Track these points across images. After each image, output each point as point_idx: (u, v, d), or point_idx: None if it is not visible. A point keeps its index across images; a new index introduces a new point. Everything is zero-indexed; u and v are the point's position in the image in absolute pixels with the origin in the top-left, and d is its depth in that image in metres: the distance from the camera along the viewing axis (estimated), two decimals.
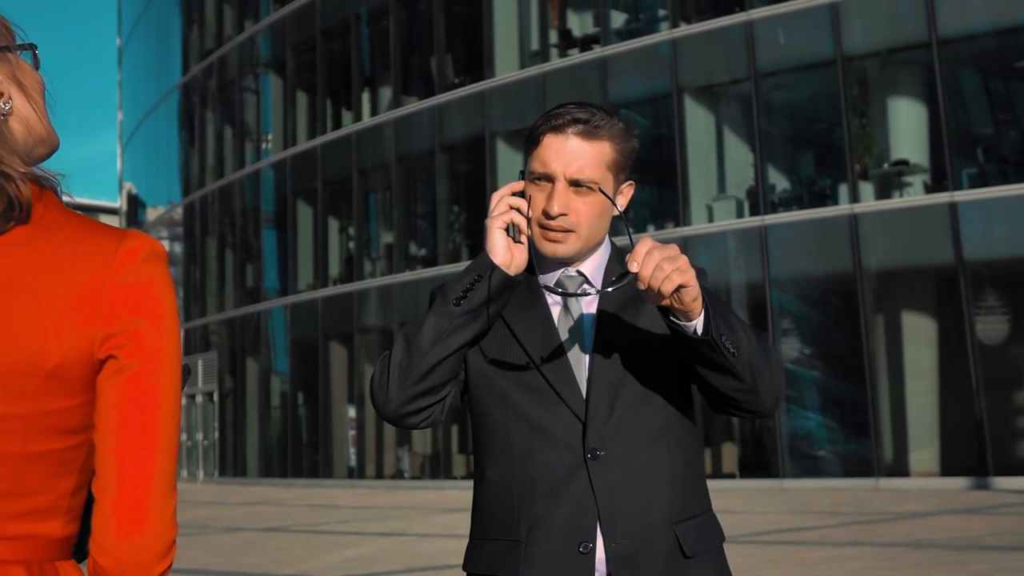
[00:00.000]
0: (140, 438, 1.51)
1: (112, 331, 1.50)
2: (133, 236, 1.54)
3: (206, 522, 19.56)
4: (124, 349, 1.51)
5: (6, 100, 1.61)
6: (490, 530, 2.44)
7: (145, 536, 1.51)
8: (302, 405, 34.14)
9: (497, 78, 28.30)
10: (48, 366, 1.48)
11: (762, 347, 2.40)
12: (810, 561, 11.07)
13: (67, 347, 1.49)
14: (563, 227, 2.43)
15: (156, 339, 1.53)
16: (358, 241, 32.69)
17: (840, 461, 22.36)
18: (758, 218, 23.53)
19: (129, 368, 1.51)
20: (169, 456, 1.53)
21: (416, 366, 2.34)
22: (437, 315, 2.35)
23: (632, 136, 2.51)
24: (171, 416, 1.54)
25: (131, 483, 1.51)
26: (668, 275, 2.16)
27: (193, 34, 42.22)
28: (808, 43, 23.38)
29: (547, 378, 2.41)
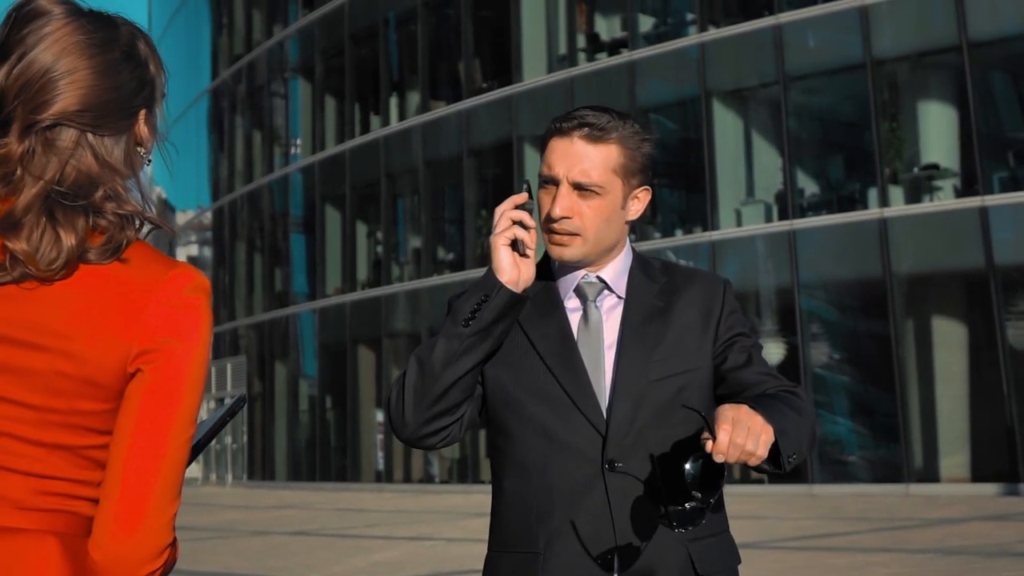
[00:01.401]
0: (149, 446, 1.64)
1: (146, 348, 1.65)
2: (182, 267, 1.70)
3: (234, 525, 19.62)
4: (153, 365, 1.65)
5: (148, 151, 1.80)
6: (508, 542, 2.42)
7: (138, 537, 1.62)
8: (330, 409, 34.21)
9: (525, 82, 28.30)
10: (85, 372, 1.63)
11: (807, 425, 2.34)
12: (838, 567, 11.01)
13: (104, 358, 1.64)
14: (567, 230, 2.41)
15: (185, 360, 1.66)
16: (386, 245, 32.74)
17: (869, 467, 22.24)
18: (787, 222, 23.44)
19: (153, 381, 1.65)
20: (175, 467, 1.66)
21: (430, 389, 2.34)
22: (447, 337, 2.33)
23: (645, 141, 2.46)
24: (183, 431, 1.66)
25: (132, 487, 1.63)
26: (749, 456, 2.11)
27: (222, 39, 42.41)
28: (837, 46, 23.28)
29: (564, 388, 2.38)
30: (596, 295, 2.46)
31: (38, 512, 1.63)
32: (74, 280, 1.65)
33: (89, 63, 1.71)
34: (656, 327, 2.43)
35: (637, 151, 2.44)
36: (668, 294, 2.47)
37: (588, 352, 2.41)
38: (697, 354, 2.43)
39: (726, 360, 2.45)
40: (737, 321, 2.50)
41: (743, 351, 2.46)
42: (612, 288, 2.47)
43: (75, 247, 1.65)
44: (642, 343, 2.41)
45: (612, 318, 2.45)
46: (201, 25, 43.94)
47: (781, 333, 23.49)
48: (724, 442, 2.05)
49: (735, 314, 2.50)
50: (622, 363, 2.39)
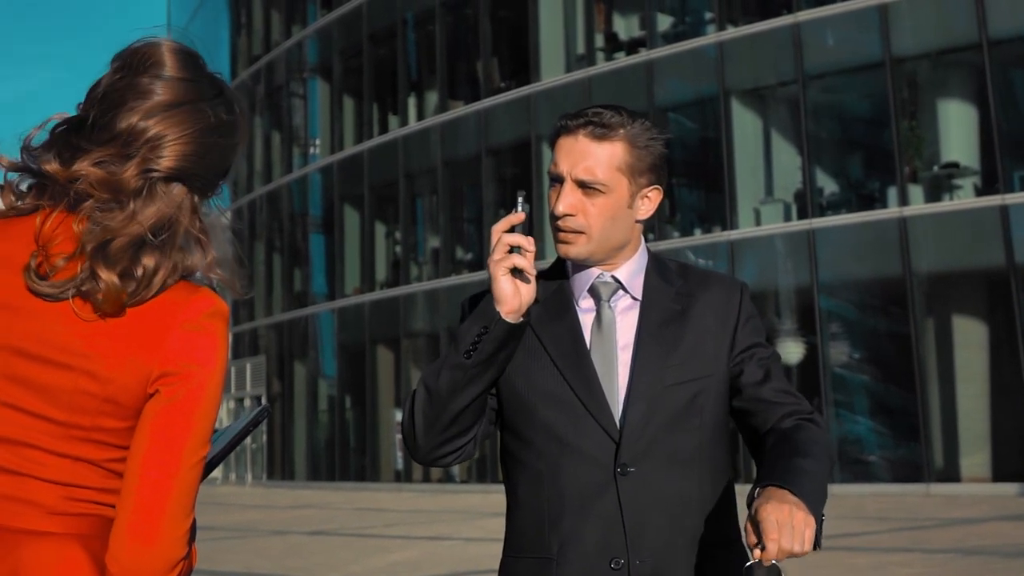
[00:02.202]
0: (163, 465, 1.72)
1: (166, 371, 1.74)
2: (203, 292, 1.79)
3: (254, 525, 19.67)
4: (171, 387, 1.73)
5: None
6: (521, 547, 2.41)
7: (152, 551, 1.70)
8: (349, 409, 34.27)
9: (543, 82, 28.29)
10: (108, 391, 1.72)
11: (827, 468, 2.32)
12: (858, 567, 10.98)
13: (126, 379, 1.73)
14: (572, 228, 2.38)
15: (201, 383, 1.75)
16: (405, 245, 32.78)
17: (890, 466, 22.17)
18: (806, 221, 23.38)
19: (169, 402, 1.73)
20: (188, 484, 1.73)
21: (439, 416, 2.34)
22: (451, 368, 2.32)
23: (654, 140, 2.42)
24: (196, 451, 1.74)
25: (147, 503, 1.71)
26: (797, 555, 2.13)
27: (241, 40, 42.52)
28: (856, 45, 23.21)
29: (575, 392, 2.36)
30: (610, 295, 2.43)
31: (67, 516, 1.73)
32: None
33: (218, 137, 1.85)
34: (673, 331, 2.40)
35: (645, 150, 2.40)
36: (685, 297, 2.45)
37: (601, 353, 2.39)
38: (713, 361, 2.41)
39: (743, 372, 2.42)
40: (754, 329, 2.47)
41: (761, 365, 2.43)
42: (627, 288, 2.44)
43: (139, 289, 1.74)
44: (658, 347, 2.39)
45: (626, 319, 2.43)
46: (220, 26, 44.05)
47: (800, 332, 23.43)
48: (773, 551, 2.08)
49: (752, 320, 2.47)
50: (637, 367, 2.37)
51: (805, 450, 2.26)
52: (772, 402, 2.40)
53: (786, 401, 2.41)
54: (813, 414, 2.41)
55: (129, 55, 1.85)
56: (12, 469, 1.73)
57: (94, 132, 1.79)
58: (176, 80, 1.83)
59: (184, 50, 1.90)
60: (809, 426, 2.36)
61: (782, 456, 2.25)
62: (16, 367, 1.73)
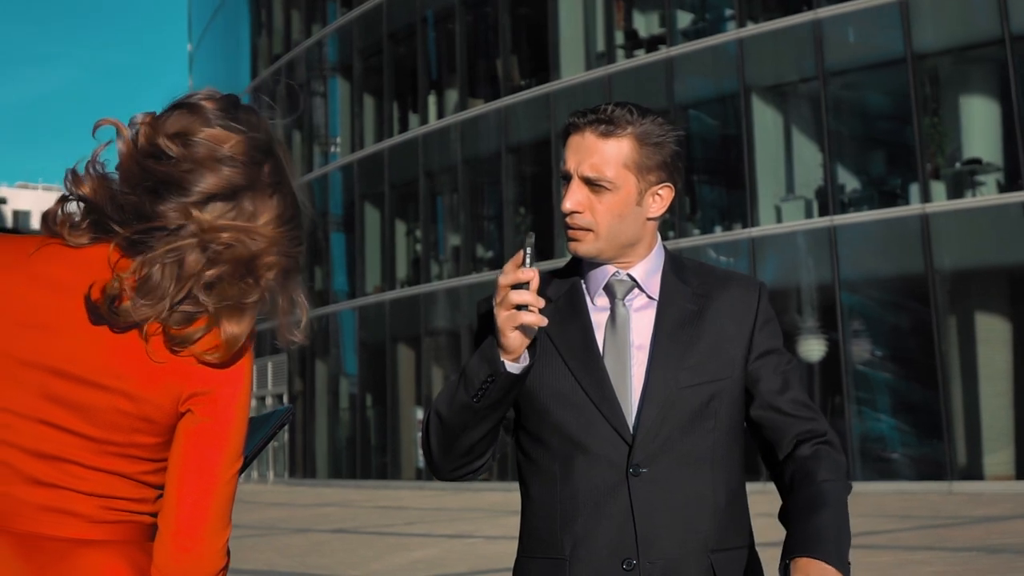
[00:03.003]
0: (201, 482, 1.84)
1: (196, 391, 1.85)
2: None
3: (276, 523, 19.72)
4: (201, 406, 1.85)
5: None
6: (535, 548, 2.40)
7: (195, 562, 1.83)
8: (370, 407, 34.31)
9: (563, 80, 28.27)
10: (142, 410, 1.83)
11: (846, 496, 2.37)
12: (880, 565, 10.94)
13: (159, 398, 1.83)
14: (579, 225, 2.38)
15: (231, 402, 1.86)
16: (425, 243, 32.80)
17: (912, 464, 22.08)
18: (827, 218, 23.30)
19: (202, 422, 1.85)
20: (225, 498, 1.85)
21: (454, 446, 2.37)
22: (460, 408, 2.32)
23: (664, 137, 2.39)
24: (230, 466, 1.86)
25: (188, 519, 1.83)
26: None
27: (261, 39, 42.61)
28: (878, 41, 23.12)
29: (587, 392, 2.35)
30: (625, 293, 2.42)
31: (106, 524, 1.85)
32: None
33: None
34: (689, 332, 2.39)
35: (655, 147, 2.38)
36: (702, 298, 2.43)
37: (614, 353, 2.38)
38: (729, 364, 2.39)
39: (760, 380, 2.41)
40: (772, 332, 2.45)
41: (778, 373, 2.42)
42: (643, 287, 2.43)
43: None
44: (674, 348, 2.37)
45: (641, 318, 2.41)
46: (240, 25, 44.15)
47: (822, 330, 23.35)
48: None
49: (770, 323, 2.46)
50: (653, 367, 2.36)
51: (826, 497, 2.30)
52: (789, 415, 2.40)
53: (802, 415, 2.41)
54: (827, 435, 2.41)
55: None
56: (53, 483, 1.83)
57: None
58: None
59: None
60: (827, 454, 2.37)
61: (806, 511, 2.28)
62: (54, 387, 1.83)
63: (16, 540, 1.83)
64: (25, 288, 1.85)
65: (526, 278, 2.22)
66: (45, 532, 1.83)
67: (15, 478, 1.84)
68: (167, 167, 1.87)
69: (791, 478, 2.36)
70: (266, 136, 1.97)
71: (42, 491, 1.84)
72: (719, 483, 2.37)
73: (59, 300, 1.84)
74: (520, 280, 2.23)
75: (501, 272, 2.25)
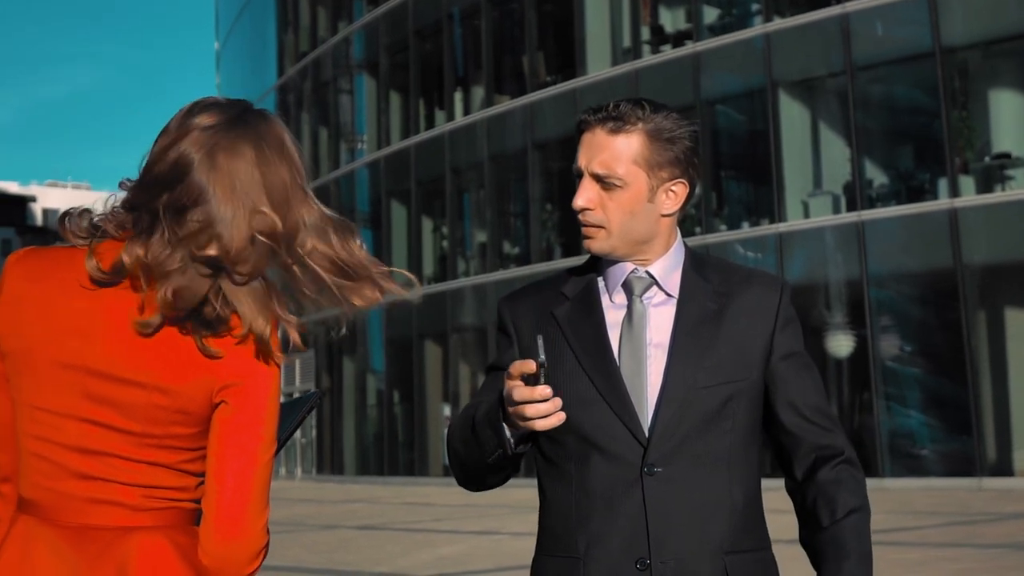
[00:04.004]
0: (240, 468, 1.94)
1: (228, 383, 1.94)
2: None
3: (303, 520, 19.77)
4: (234, 397, 1.94)
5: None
6: (551, 546, 2.40)
7: (239, 543, 1.93)
8: (398, 404, 34.38)
9: (589, 75, 28.23)
10: (177, 403, 1.93)
11: (869, 524, 2.41)
12: (908, 562, 10.89)
13: (193, 391, 1.93)
14: (591, 222, 2.37)
15: (263, 390, 1.96)
16: (452, 240, 32.82)
17: (941, 460, 21.97)
18: (855, 214, 23.20)
19: (237, 411, 1.94)
20: (263, 481, 1.96)
21: (473, 479, 2.44)
22: (475, 460, 2.35)
23: (677, 132, 2.36)
24: (266, 451, 1.96)
25: (230, 504, 1.93)
26: None
27: (288, 37, 42.71)
28: (906, 34, 22.99)
29: (600, 391, 2.34)
30: (643, 291, 2.40)
31: (151, 511, 1.96)
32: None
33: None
34: (709, 331, 2.37)
35: (667, 143, 2.36)
36: (722, 296, 2.40)
37: (630, 351, 2.36)
38: (749, 364, 2.37)
39: (779, 382, 2.39)
40: (793, 334, 2.42)
41: (798, 377, 2.40)
42: (661, 285, 2.40)
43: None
44: (694, 347, 2.35)
45: (659, 316, 2.39)
46: (267, 23, 44.27)
47: (850, 325, 23.26)
48: None
49: (791, 324, 2.43)
50: (672, 366, 2.34)
51: (852, 540, 2.33)
52: (807, 422, 2.39)
53: (820, 424, 2.40)
54: (846, 452, 2.40)
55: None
56: (98, 476, 1.95)
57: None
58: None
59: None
60: (848, 478, 2.37)
61: (834, 560, 2.33)
62: (93, 387, 1.94)
63: (67, 532, 1.94)
64: (58, 295, 1.96)
65: (541, 397, 2.17)
66: (93, 523, 1.94)
67: (62, 474, 1.95)
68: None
69: (813, 505, 2.36)
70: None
71: (88, 484, 1.95)
72: (735, 485, 2.34)
73: (91, 304, 1.95)
74: (535, 398, 2.17)
75: (509, 374, 2.21)
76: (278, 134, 2.02)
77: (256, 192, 1.97)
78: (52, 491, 1.96)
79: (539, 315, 2.45)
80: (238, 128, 1.99)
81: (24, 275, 1.99)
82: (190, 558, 1.96)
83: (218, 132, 1.97)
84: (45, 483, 1.96)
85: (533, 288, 2.54)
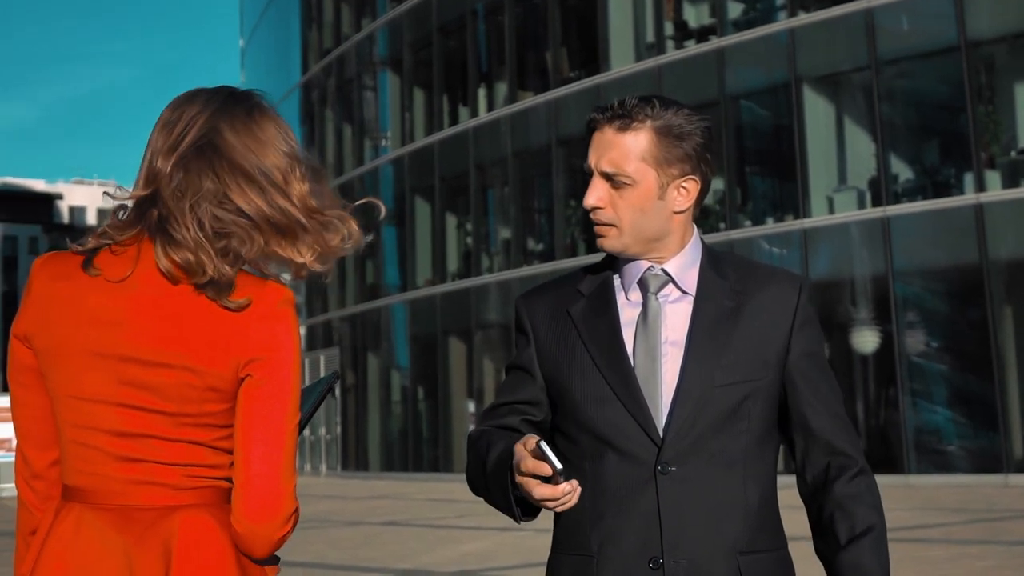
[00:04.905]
0: (269, 437, 2.03)
1: (252, 357, 2.04)
2: (272, 284, 2.09)
3: (328, 516, 19.82)
4: (259, 370, 2.04)
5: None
6: (566, 544, 2.39)
7: (271, 509, 2.02)
8: (422, 400, 34.42)
9: (613, 71, 28.19)
10: (207, 381, 2.03)
11: (885, 534, 2.39)
12: (933, 560, 10.84)
13: (220, 367, 2.03)
14: (602, 221, 2.37)
15: (285, 362, 2.05)
16: (476, 236, 32.83)
17: (968, 456, 21.86)
18: (880, 209, 23.10)
19: (262, 384, 2.04)
20: (290, 448, 2.05)
21: (492, 504, 2.43)
22: (490, 503, 2.38)
23: (687, 129, 2.35)
24: (292, 419, 2.05)
25: (261, 471, 2.02)
26: None
27: (312, 34, 42.80)
28: (931, 29, 22.87)
29: (614, 389, 2.33)
30: (659, 288, 2.38)
31: (190, 491, 2.05)
32: (188, 304, 2.04)
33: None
34: (726, 329, 2.35)
35: (676, 139, 2.34)
36: (740, 294, 2.38)
37: (644, 349, 2.35)
38: (765, 364, 2.35)
39: (795, 383, 2.37)
40: (811, 335, 2.41)
41: (814, 378, 2.38)
42: (677, 282, 2.39)
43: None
44: (710, 345, 2.33)
45: (674, 313, 2.38)
46: (291, 20, 44.36)
47: (875, 321, 23.16)
48: None
49: (809, 324, 2.40)
50: (688, 365, 2.32)
51: (870, 561, 2.33)
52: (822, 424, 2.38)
53: (834, 427, 2.39)
54: (860, 461, 2.39)
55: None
56: (139, 458, 2.04)
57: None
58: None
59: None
60: (865, 491, 2.37)
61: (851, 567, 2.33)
62: (127, 372, 2.04)
63: (113, 515, 2.04)
64: (86, 291, 2.07)
65: (564, 496, 2.18)
66: (137, 503, 2.04)
67: (104, 459, 2.05)
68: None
69: (831, 520, 2.35)
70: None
71: (130, 467, 2.05)
72: (750, 484, 2.33)
73: (118, 296, 2.06)
74: (557, 497, 2.18)
75: (522, 468, 2.22)
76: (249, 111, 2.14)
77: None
78: (95, 476, 2.06)
79: (555, 313, 2.45)
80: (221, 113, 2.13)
81: (51, 276, 2.10)
82: (229, 532, 2.06)
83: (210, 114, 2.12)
84: (88, 468, 2.06)
85: (551, 286, 2.54)
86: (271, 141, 2.11)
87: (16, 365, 2.12)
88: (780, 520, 2.41)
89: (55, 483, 2.14)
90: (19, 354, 2.11)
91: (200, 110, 2.11)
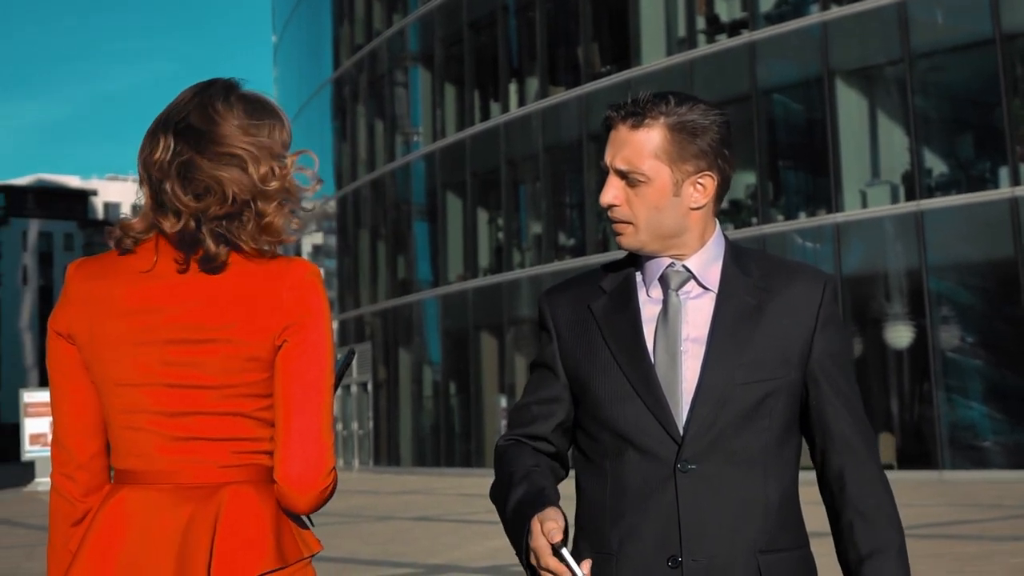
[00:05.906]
0: (308, 397, 2.15)
1: (287, 323, 2.16)
2: (299, 261, 2.23)
3: (359, 511, 19.87)
4: (294, 334, 2.16)
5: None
6: (587, 542, 2.38)
7: (313, 464, 2.14)
8: (454, 395, 34.46)
9: (644, 66, 28.12)
10: (247, 351, 2.15)
11: (906, 556, 2.38)
12: (967, 556, 10.76)
13: (258, 336, 2.15)
14: (619, 218, 2.35)
15: (317, 328, 2.18)
16: (507, 231, 32.83)
17: (1003, 452, 21.70)
18: (914, 203, 22.95)
19: (297, 348, 2.16)
20: (328, 405, 2.18)
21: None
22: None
23: (701, 124, 2.32)
24: (327, 380, 2.18)
25: (302, 428, 2.14)
26: None
27: (344, 29, 42.88)
28: (965, 22, 22.69)
29: (634, 387, 2.31)
30: (680, 285, 2.37)
31: (236, 468, 2.16)
32: (223, 279, 2.17)
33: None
34: (747, 327, 2.33)
35: (691, 135, 2.32)
36: (763, 291, 2.36)
37: (664, 346, 2.33)
38: (787, 362, 2.33)
39: (817, 382, 2.35)
40: (834, 334, 2.38)
41: (835, 380, 2.36)
42: (699, 279, 2.37)
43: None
44: (732, 343, 2.31)
45: (695, 310, 2.36)
46: (323, 15, 44.47)
47: (910, 316, 23.03)
48: None
49: (832, 323, 2.37)
50: (709, 362, 2.30)
51: (890, 568, 2.32)
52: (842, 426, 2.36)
53: (854, 432, 2.36)
54: (880, 472, 2.38)
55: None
56: (188, 436, 2.16)
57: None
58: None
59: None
60: (885, 502, 2.36)
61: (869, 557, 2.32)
62: (171, 354, 2.16)
63: (163, 495, 2.15)
64: (123, 284, 2.20)
65: (549, 549, 2.19)
66: (187, 482, 2.16)
67: (155, 440, 2.17)
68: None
69: (851, 528, 2.34)
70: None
71: (178, 446, 2.16)
72: (771, 483, 2.31)
73: (153, 285, 2.18)
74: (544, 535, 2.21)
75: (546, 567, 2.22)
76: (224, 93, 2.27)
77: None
78: (145, 456, 2.17)
79: (577, 310, 2.44)
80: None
81: (86, 276, 2.24)
82: (271, 508, 2.16)
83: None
84: (137, 451, 2.18)
85: (573, 282, 2.52)
86: (243, 125, 2.22)
87: (58, 357, 2.23)
88: (802, 518, 2.39)
89: (98, 473, 2.24)
90: (61, 348, 2.23)
91: (186, 101, 2.27)
